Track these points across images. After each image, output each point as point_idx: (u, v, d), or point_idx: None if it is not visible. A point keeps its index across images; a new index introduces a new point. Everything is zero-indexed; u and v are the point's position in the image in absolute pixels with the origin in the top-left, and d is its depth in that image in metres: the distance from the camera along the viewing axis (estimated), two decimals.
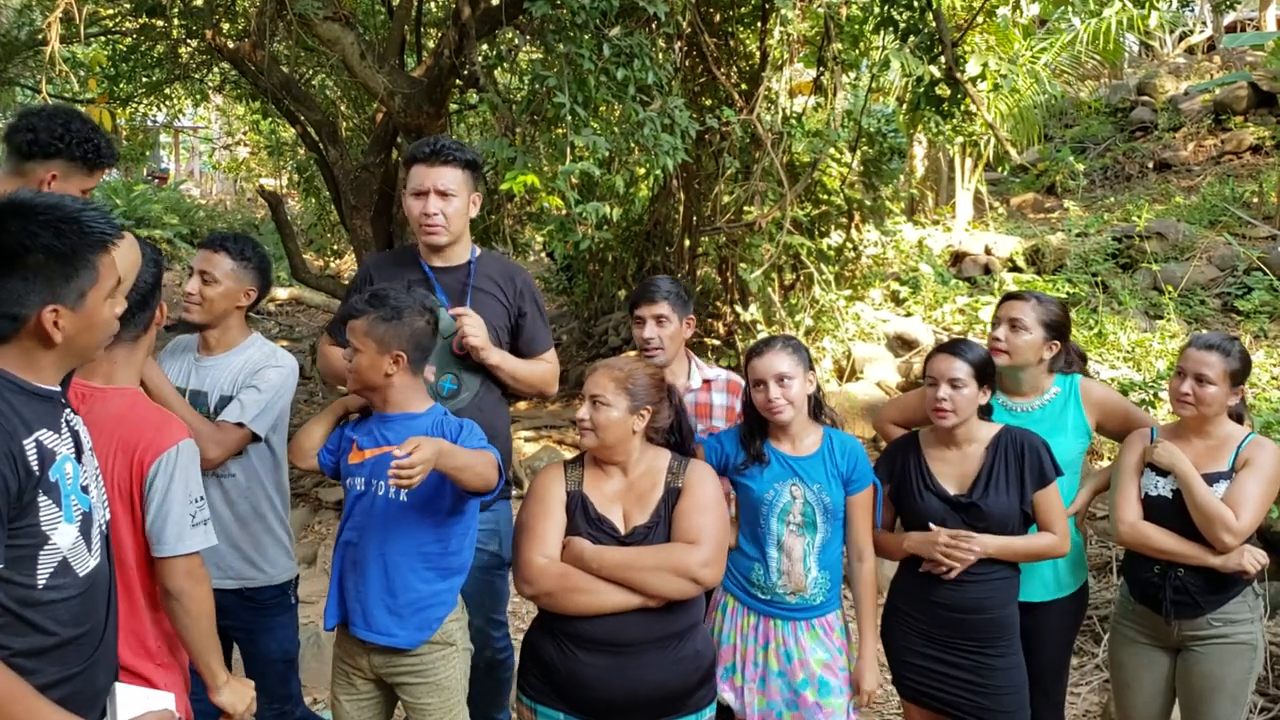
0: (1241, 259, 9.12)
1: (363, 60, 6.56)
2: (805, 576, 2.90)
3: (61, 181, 2.87)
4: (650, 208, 9.50)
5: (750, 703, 2.92)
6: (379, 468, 2.68)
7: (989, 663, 2.90)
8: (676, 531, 2.61)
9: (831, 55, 7.27)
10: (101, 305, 1.91)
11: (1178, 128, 13.58)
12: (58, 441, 1.85)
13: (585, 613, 2.56)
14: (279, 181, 18.62)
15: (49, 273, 1.82)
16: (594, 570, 2.55)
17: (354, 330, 2.71)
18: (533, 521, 2.66)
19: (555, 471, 2.77)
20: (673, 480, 2.68)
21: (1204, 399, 2.97)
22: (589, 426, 2.65)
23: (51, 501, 1.81)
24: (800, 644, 2.91)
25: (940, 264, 10.48)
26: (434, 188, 3.09)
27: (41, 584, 1.80)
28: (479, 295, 3.20)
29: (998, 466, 2.91)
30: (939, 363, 2.94)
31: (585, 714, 2.59)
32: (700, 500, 2.64)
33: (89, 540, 1.90)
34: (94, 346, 1.97)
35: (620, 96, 5.46)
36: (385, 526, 2.68)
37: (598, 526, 2.63)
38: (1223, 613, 2.95)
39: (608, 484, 2.70)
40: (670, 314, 3.29)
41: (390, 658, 2.73)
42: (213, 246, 3.09)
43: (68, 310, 1.85)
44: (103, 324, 1.94)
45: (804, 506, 2.89)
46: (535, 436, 8.47)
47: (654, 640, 2.56)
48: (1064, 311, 3.25)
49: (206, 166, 25.42)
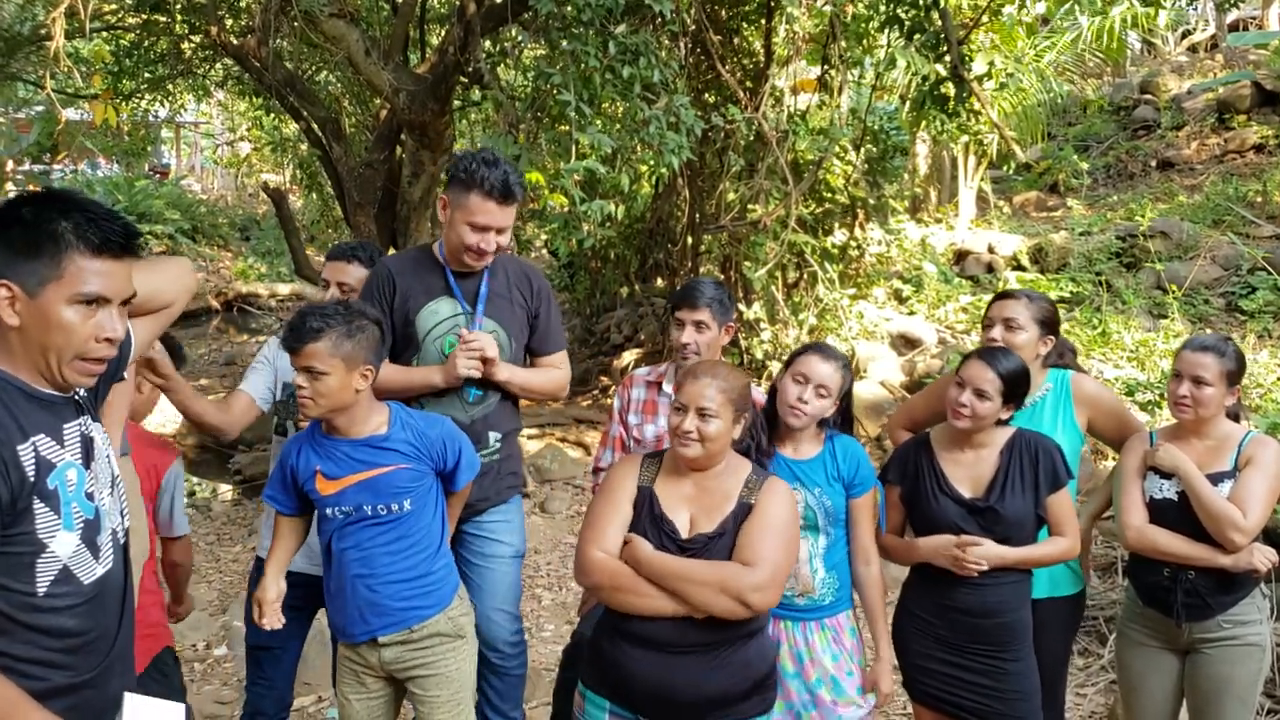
0: (1245, 258, 9.11)
1: (367, 57, 6.55)
2: (813, 578, 2.89)
3: None
4: (653, 205, 9.50)
5: None
6: (377, 491, 2.66)
7: (1003, 667, 2.88)
8: (739, 549, 2.55)
9: (837, 53, 7.27)
10: (61, 306, 1.77)
11: (1181, 126, 13.56)
12: (59, 449, 1.80)
13: (629, 611, 2.55)
14: (281, 177, 18.62)
15: (12, 248, 1.75)
16: (650, 575, 2.53)
17: (315, 355, 2.56)
18: (597, 514, 2.66)
19: (631, 464, 2.73)
20: (747, 494, 2.62)
21: (1202, 401, 2.96)
22: (696, 439, 2.58)
23: (49, 509, 1.76)
24: (811, 645, 2.90)
25: (943, 262, 10.47)
26: (498, 226, 3.04)
27: (42, 591, 1.76)
28: (497, 300, 3.19)
29: (1013, 470, 2.90)
30: (973, 368, 2.90)
31: (628, 707, 2.59)
32: (769, 522, 2.57)
33: (95, 547, 1.85)
34: (57, 352, 1.79)
35: (625, 94, 5.45)
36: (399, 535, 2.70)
37: (659, 527, 2.60)
38: (1232, 614, 2.94)
39: (681, 486, 2.66)
40: (711, 321, 3.26)
41: (402, 650, 2.73)
42: (343, 258, 3.33)
43: (23, 293, 1.75)
44: (62, 327, 1.77)
45: (805, 510, 2.88)
46: (539, 434, 8.48)
47: (694, 645, 2.53)
48: (1053, 306, 3.25)
49: (208, 162, 25.42)
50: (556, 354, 3.33)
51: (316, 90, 9.08)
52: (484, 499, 3.14)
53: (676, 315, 3.33)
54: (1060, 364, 3.28)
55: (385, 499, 2.67)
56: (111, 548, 1.91)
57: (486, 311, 3.16)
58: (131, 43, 9.62)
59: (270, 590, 2.73)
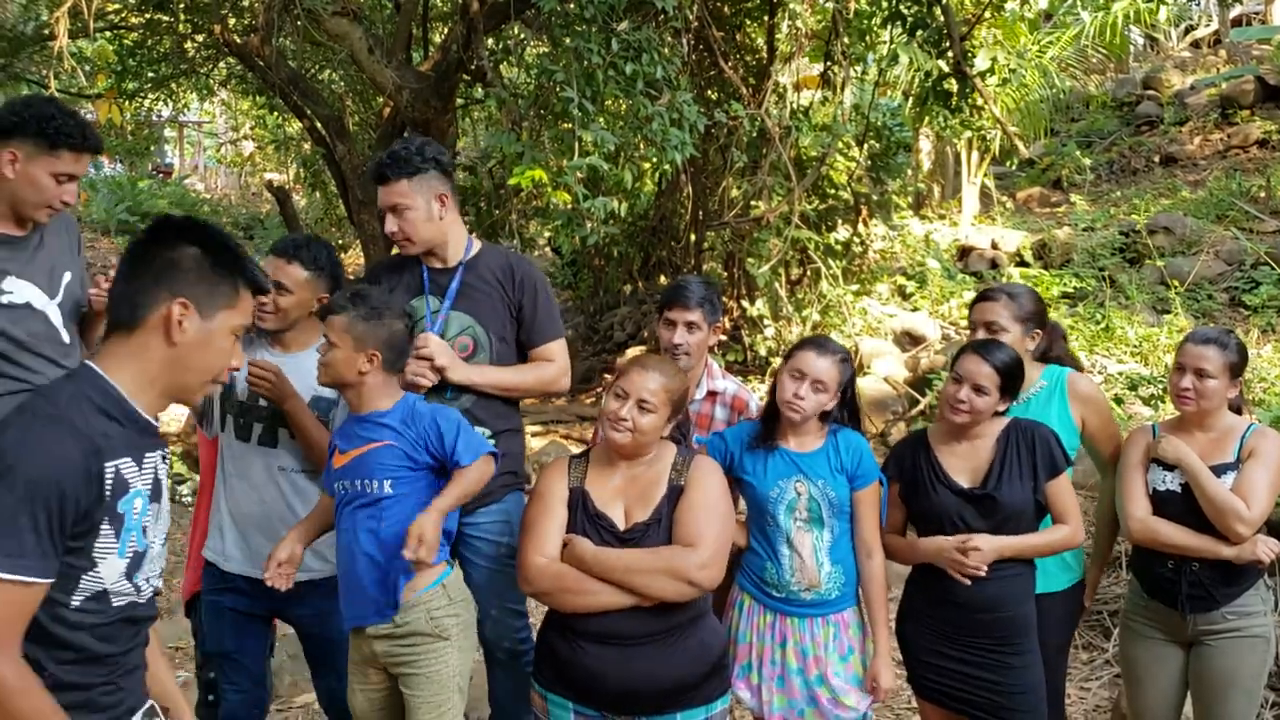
0: (1249, 253, 9.10)
1: (371, 55, 6.57)
2: (819, 571, 2.90)
3: (25, 164, 2.80)
4: (656, 203, 9.50)
5: (769, 701, 2.92)
6: (361, 467, 2.71)
7: (1007, 662, 2.88)
8: (676, 532, 2.60)
9: (839, 49, 7.27)
10: (225, 332, 1.89)
11: (1183, 122, 13.54)
12: (137, 475, 1.82)
13: (580, 611, 2.57)
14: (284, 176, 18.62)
15: (193, 273, 1.84)
16: (595, 572, 2.56)
17: (333, 325, 2.73)
18: (534, 520, 2.67)
19: (559, 468, 2.76)
20: (676, 477, 2.66)
21: (1205, 393, 2.96)
22: (630, 428, 2.62)
23: (112, 531, 1.78)
24: (815, 640, 2.90)
25: (947, 259, 10.47)
26: (387, 205, 3.09)
27: (74, 605, 1.77)
28: (472, 293, 3.16)
29: (1010, 457, 2.90)
30: (968, 363, 2.90)
31: (591, 704, 2.62)
32: (702, 499, 2.63)
33: (134, 582, 1.86)
34: (202, 373, 1.89)
35: (629, 91, 5.45)
36: (375, 517, 2.71)
37: (596, 523, 2.63)
38: (1236, 606, 2.94)
39: (611, 480, 2.70)
40: (701, 321, 3.24)
41: (389, 644, 2.74)
42: (285, 256, 3.08)
43: (196, 312, 1.83)
44: (219, 352, 1.89)
45: (809, 502, 2.88)
46: (542, 431, 8.49)
47: (652, 634, 2.57)
48: (1036, 298, 3.24)
49: (211, 161, 25.43)
50: (549, 345, 3.26)
51: (320, 88, 9.09)
52: (477, 497, 3.14)
53: (667, 316, 3.29)
54: (1052, 355, 3.28)
55: (367, 475, 2.71)
56: (147, 588, 1.91)
57: (461, 306, 3.15)
58: (135, 42, 9.64)
59: (282, 551, 2.79)
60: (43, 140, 2.82)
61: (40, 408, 1.76)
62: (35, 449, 1.69)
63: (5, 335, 2.84)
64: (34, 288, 2.90)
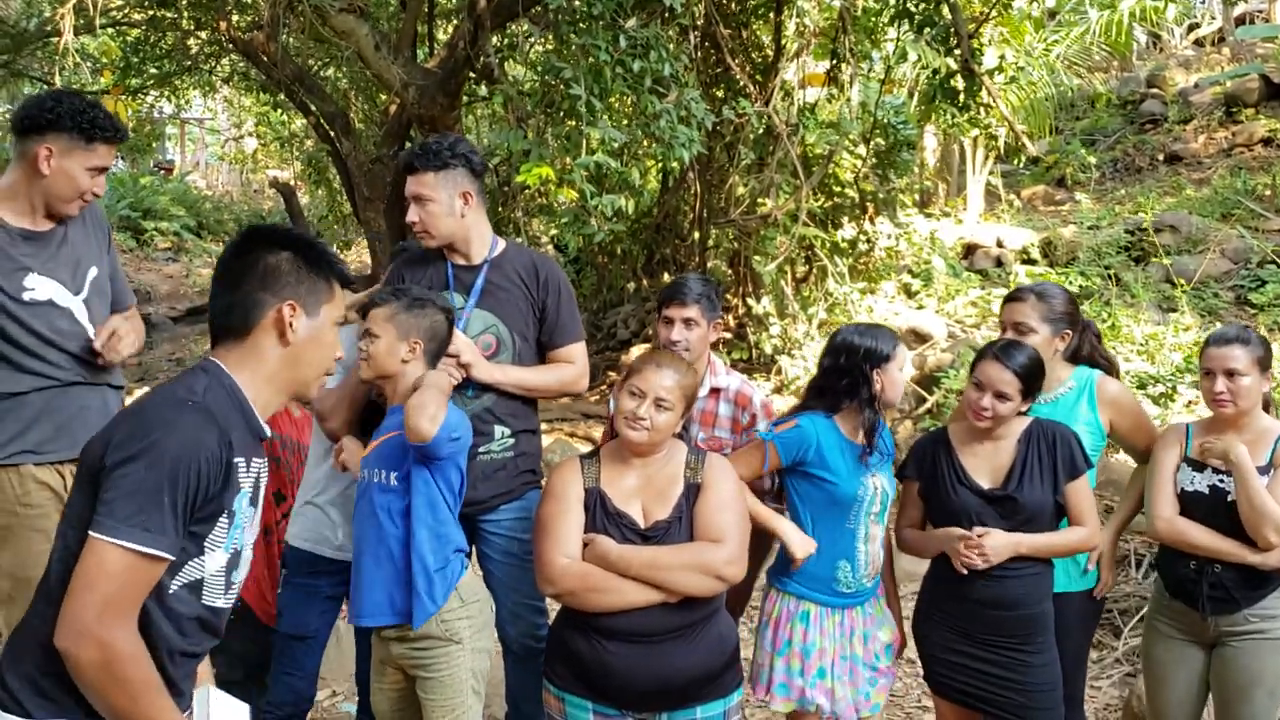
0: (1255, 252, 9.08)
1: (377, 52, 6.56)
2: (880, 557, 3.00)
3: (60, 158, 2.81)
4: (661, 200, 9.49)
5: (843, 697, 2.92)
6: (378, 454, 2.75)
7: (1025, 660, 2.88)
8: (700, 529, 2.63)
9: (846, 47, 7.25)
10: (330, 325, 1.98)
11: (1188, 120, 13.51)
12: (245, 476, 1.88)
13: (607, 610, 2.57)
14: (288, 173, 18.61)
15: (292, 276, 1.92)
16: (620, 570, 2.56)
17: (375, 317, 2.77)
18: (551, 520, 2.66)
19: (571, 467, 2.75)
20: (692, 475, 2.69)
21: (1240, 392, 2.91)
22: (648, 426, 2.62)
23: (225, 524, 1.84)
24: (870, 618, 3.02)
25: (952, 257, 10.44)
26: (411, 195, 3.12)
27: (172, 589, 1.80)
28: (496, 292, 3.16)
29: (1031, 458, 2.89)
30: (988, 369, 2.89)
31: (613, 703, 2.62)
32: (722, 497, 2.67)
33: (229, 580, 1.90)
34: (317, 366, 1.99)
35: (636, 88, 5.44)
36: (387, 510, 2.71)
37: (617, 522, 2.63)
38: (1260, 608, 2.92)
39: (626, 479, 2.70)
40: (699, 318, 3.24)
41: (402, 647, 2.73)
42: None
43: (303, 312, 1.92)
44: (328, 344, 1.99)
45: (882, 495, 2.95)
46: (549, 429, 8.47)
47: (676, 629, 2.59)
48: (1068, 299, 3.20)
49: (213, 158, 25.39)
50: (570, 347, 3.26)
51: (325, 85, 9.08)
52: (498, 494, 3.13)
53: (665, 312, 3.29)
54: (1084, 355, 3.25)
55: (382, 464, 2.74)
56: (233, 592, 1.95)
57: (485, 304, 3.14)
58: (138, 38, 9.63)
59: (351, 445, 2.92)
60: (79, 134, 2.83)
61: (180, 393, 1.83)
62: (179, 430, 1.75)
63: (31, 331, 2.84)
64: (56, 284, 2.90)
